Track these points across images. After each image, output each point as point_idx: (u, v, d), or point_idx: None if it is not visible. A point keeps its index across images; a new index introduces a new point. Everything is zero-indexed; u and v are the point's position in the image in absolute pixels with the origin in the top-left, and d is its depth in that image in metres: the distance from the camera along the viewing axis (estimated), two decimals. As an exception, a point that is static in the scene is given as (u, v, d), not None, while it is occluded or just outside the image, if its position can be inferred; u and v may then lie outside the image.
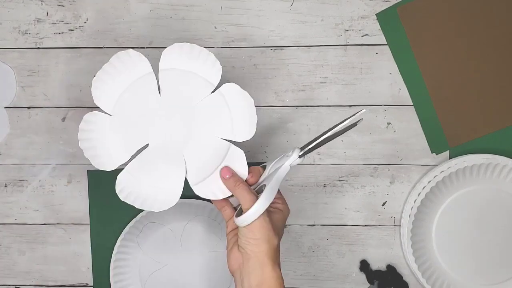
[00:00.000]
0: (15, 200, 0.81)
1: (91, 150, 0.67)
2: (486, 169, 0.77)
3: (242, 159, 0.68)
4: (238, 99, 0.68)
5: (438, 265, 0.80)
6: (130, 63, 0.67)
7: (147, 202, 0.67)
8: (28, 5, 0.79)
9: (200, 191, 0.68)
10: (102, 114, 0.67)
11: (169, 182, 0.67)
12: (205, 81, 0.67)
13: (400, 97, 0.79)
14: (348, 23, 0.78)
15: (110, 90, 0.67)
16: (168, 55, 0.67)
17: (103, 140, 0.67)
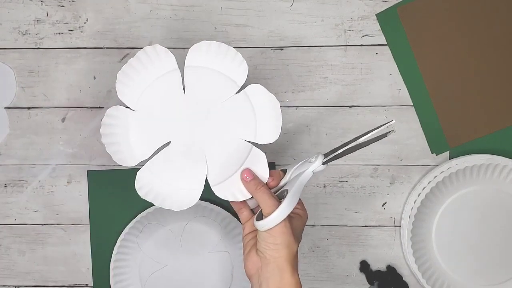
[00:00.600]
0: (15, 200, 0.81)
1: (113, 145, 0.67)
2: (486, 169, 0.77)
3: (263, 161, 0.67)
4: (263, 101, 0.67)
5: (438, 265, 0.80)
6: (156, 58, 0.66)
7: (167, 200, 0.67)
8: (28, 6, 0.79)
9: (220, 192, 0.67)
10: (125, 109, 0.67)
11: (190, 181, 0.67)
12: (231, 81, 0.67)
13: (400, 98, 0.79)
14: (348, 23, 0.78)
15: (134, 85, 0.66)
16: (195, 52, 0.66)
17: (125, 136, 0.67)
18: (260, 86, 0.67)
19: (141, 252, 0.80)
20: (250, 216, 0.68)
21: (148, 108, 0.67)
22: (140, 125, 0.67)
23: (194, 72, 0.67)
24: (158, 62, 0.66)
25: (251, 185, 0.66)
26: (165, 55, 0.66)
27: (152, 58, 0.66)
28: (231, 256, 0.80)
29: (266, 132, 0.67)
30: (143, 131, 0.67)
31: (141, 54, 0.66)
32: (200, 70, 0.67)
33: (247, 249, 0.66)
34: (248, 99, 0.67)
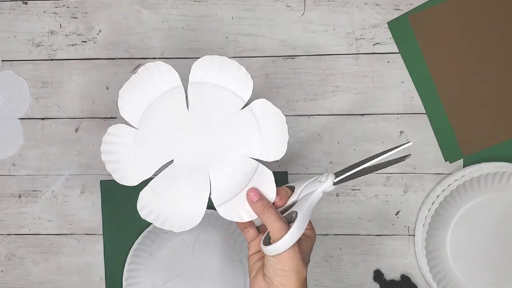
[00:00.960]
0: (29, 210, 0.81)
1: (114, 163, 0.65)
2: (501, 177, 0.77)
3: (270, 180, 0.65)
4: (269, 116, 0.65)
5: (453, 275, 0.79)
6: (159, 75, 0.65)
7: (168, 221, 0.65)
8: (42, 18, 0.80)
9: (224, 212, 0.65)
10: (127, 127, 0.65)
11: (193, 201, 0.65)
12: (235, 96, 0.65)
13: (413, 106, 0.78)
14: (359, 31, 0.78)
15: (136, 102, 0.65)
16: (198, 67, 0.65)
17: (127, 154, 0.65)
18: (266, 101, 0.65)
19: (154, 262, 0.81)
20: (256, 235, 0.65)
21: (151, 126, 0.65)
22: (142, 143, 0.65)
23: (197, 88, 0.65)
24: (160, 79, 0.65)
25: (258, 206, 0.63)
26: (168, 72, 0.65)
27: (154, 74, 0.65)
28: (244, 266, 0.80)
29: (273, 149, 0.65)
30: (146, 150, 0.65)
31: (143, 71, 0.65)
32: (204, 86, 0.65)
33: (253, 273, 0.63)
34: (253, 114, 0.65)
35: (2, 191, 0.81)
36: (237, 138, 0.65)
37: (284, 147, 0.65)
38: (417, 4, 0.78)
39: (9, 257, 0.82)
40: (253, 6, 0.79)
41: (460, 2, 0.77)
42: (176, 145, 0.65)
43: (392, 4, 0.78)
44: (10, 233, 0.82)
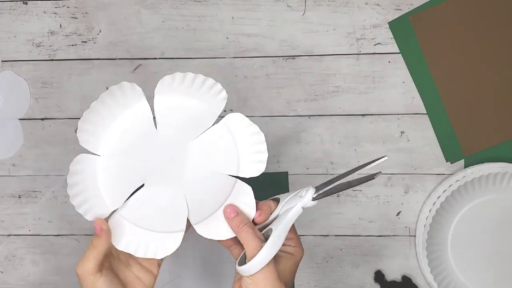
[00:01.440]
0: (29, 211, 0.81)
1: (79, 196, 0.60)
2: (502, 178, 0.76)
3: (249, 195, 0.62)
4: (246, 134, 0.61)
5: (454, 275, 0.79)
6: (122, 97, 0.61)
7: (150, 249, 0.60)
8: (42, 18, 0.80)
9: (203, 230, 0.61)
10: (90, 156, 0.60)
11: (171, 223, 0.61)
12: (206, 110, 0.62)
13: (414, 106, 0.78)
14: (360, 32, 0.78)
15: (99, 130, 0.61)
16: (162, 86, 0.61)
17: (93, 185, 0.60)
18: (241, 115, 0.62)
19: (154, 263, 0.80)
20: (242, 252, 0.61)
21: (117, 151, 0.61)
22: (109, 172, 0.60)
23: (165, 105, 0.61)
24: (123, 101, 0.61)
25: (234, 222, 0.59)
26: (131, 91, 0.61)
27: (116, 97, 0.60)
28: (244, 267, 0.80)
29: (250, 166, 0.62)
30: (113, 178, 0.60)
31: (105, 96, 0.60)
32: (171, 102, 0.61)
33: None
34: (228, 130, 0.62)
35: (2, 192, 0.81)
36: (212, 155, 0.62)
37: (263, 166, 0.62)
38: (418, 4, 0.77)
39: (9, 257, 0.82)
40: (253, 6, 0.78)
41: (461, 2, 0.77)
42: (145, 168, 0.61)
43: (393, 4, 0.78)
44: (10, 234, 0.82)
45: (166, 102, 0.62)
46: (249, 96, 0.79)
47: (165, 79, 0.61)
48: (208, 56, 0.79)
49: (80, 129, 0.60)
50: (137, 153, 0.61)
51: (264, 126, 0.79)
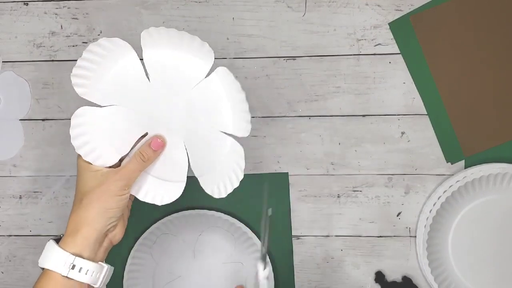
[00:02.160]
0: (29, 211, 0.81)
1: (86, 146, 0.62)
2: (502, 178, 0.76)
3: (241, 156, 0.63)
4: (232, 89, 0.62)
5: (455, 276, 0.79)
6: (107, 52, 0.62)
7: (149, 194, 0.64)
8: (43, 19, 0.80)
9: (204, 184, 0.64)
10: (92, 108, 0.63)
11: (173, 172, 0.64)
12: (196, 65, 0.62)
13: (414, 107, 0.78)
14: (360, 32, 0.78)
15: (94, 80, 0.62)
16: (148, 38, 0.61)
17: (98, 134, 0.63)
18: (226, 70, 0.61)
19: (155, 263, 0.80)
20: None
21: (116, 102, 0.63)
22: (111, 120, 0.63)
23: (154, 58, 0.62)
24: (112, 53, 0.62)
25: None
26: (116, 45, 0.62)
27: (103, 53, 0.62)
28: (245, 267, 0.80)
29: (240, 125, 0.62)
30: (117, 126, 0.63)
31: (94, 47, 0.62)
32: (160, 56, 0.62)
33: None
34: (218, 84, 0.62)
35: (2, 192, 0.81)
36: (204, 109, 0.63)
37: (249, 126, 0.62)
38: (418, 4, 0.77)
39: (9, 258, 0.82)
40: (254, 7, 0.78)
41: (461, 3, 0.77)
42: (146, 118, 0.63)
43: (393, 5, 0.78)
44: (11, 234, 0.82)
45: (156, 55, 0.62)
46: (249, 97, 0.78)
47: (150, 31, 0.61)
48: (209, 56, 0.79)
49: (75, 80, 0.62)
50: (135, 104, 0.63)
51: (265, 126, 0.79)
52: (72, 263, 0.58)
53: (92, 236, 0.60)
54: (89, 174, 0.61)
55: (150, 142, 0.62)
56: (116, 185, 0.61)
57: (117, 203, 0.61)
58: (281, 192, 0.79)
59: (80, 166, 0.62)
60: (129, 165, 0.62)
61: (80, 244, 0.59)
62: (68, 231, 0.60)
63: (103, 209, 0.60)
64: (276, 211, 0.79)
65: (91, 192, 0.60)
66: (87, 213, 0.60)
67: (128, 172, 0.61)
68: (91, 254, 0.60)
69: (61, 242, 0.60)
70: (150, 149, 0.62)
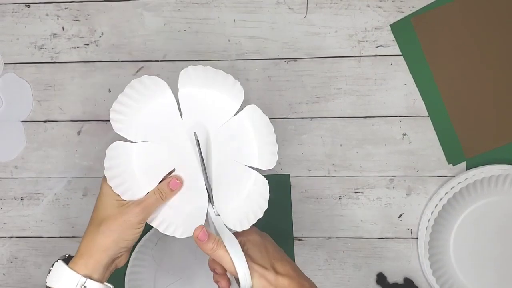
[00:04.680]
0: (31, 213, 0.81)
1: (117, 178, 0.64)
2: (504, 180, 0.76)
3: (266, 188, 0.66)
4: (260, 124, 0.66)
5: (456, 278, 0.79)
6: (146, 90, 0.65)
7: (170, 227, 0.65)
8: (45, 21, 0.80)
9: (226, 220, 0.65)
10: (125, 143, 0.65)
11: (193, 208, 0.66)
12: (226, 103, 0.66)
13: (416, 108, 0.78)
14: (362, 34, 0.78)
15: (130, 118, 0.65)
16: (185, 77, 0.65)
17: (128, 169, 0.65)
18: (254, 106, 0.66)
19: (156, 265, 0.80)
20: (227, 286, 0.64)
21: (148, 138, 0.65)
22: (142, 156, 0.65)
23: (188, 96, 0.65)
24: (149, 93, 0.65)
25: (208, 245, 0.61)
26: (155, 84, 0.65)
27: (140, 91, 0.65)
28: (246, 269, 0.80)
29: (266, 158, 0.66)
30: (146, 162, 0.65)
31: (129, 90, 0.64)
32: (194, 94, 0.65)
33: None
34: (246, 122, 0.66)
35: (4, 194, 0.81)
36: (231, 145, 0.66)
37: (275, 158, 0.66)
38: (419, 6, 0.77)
39: (11, 259, 0.82)
40: (255, 8, 0.79)
41: (462, 4, 0.77)
42: (175, 155, 0.66)
43: (395, 7, 0.78)
44: (13, 236, 0.82)
45: (189, 93, 0.66)
46: (251, 98, 0.79)
47: (183, 73, 0.65)
48: (210, 58, 0.79)
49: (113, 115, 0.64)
50: (166, 140, 0.66)
51: (266, 128, 0.79)
52: (84, 284, 0.60)
53: (104, 261, 0.62)
54: (112, 201, 0.63)
55: (169, 181, 0.64)
56: (135, 218, 0.62)
57: (134, 235, 0.63)
58: (283, 194, 0.79)
59: (104, 191, 0.64)
60: (148, 200, 0.64)
61: (92, 267, 0.61)
62: (80, 253, 0.62)
63: (120, 239, 0.62)
64: (278, 213, 0.79)
65: (111, 220, 0.62)
66: (104, 241, 0.62)
67: (147, 206, 0.63)
68: (100, 277, 0.62)
69: (71, 263, 0.62)
70: (168, 188, 0.64)
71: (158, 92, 0.65)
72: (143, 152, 0.65)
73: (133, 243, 0.64)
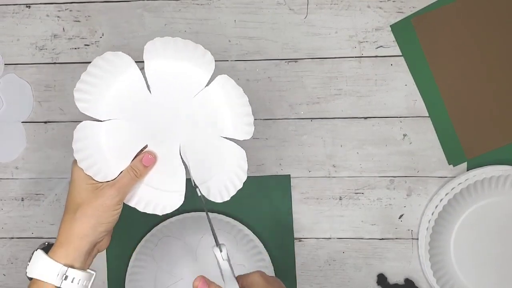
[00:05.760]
0: (32, 214, 0.81)
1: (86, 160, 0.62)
2: (505, 181, 0.76)
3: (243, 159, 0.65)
4: (233, 95, 0.64)
5: (457, 278, 0.79)
6: (110, 66, 0.63)
7: (150, 205, 0.65)
8: (45, 21, 0.80)
9: (206, 191, 0.65)
10: (93, 123, 0.63)
11: (171, 183, 0.65)
12: (197, 74, 0.63)
13: (416, 109, 0.78)
14: (362, 34, 0.78)
15: (95, 96, 0.63)
16: (152, 49, 0.63)
17: (98, 149, 0.63)
18: (227, 77, 0.63)
19: (157, 265, 0.80)
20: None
21: (116, 115, 0.64)
22: (111, 135, 0.64)
23: (156, 70, 0.63)
24: (114, 68, 0.63)
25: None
26: (119, 59, 0.63)
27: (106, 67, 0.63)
28: (247, 269, 0.80)
29: (242, 128, 0.64)
30: (117, 141, 0.64)
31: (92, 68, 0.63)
32: (161, 66, 0.63)
33: None
34: (219, 91, 0.64)
35: (5, 195, 0.81)
36: (205, 117, 0.64)
37: (252, 129, 0.64)
38: (420, 7, 0.77)
39: (11, 260, 0.82)
40: (255, 9, 0.79)
41: (463, 5, 0.77)
42: (146, 131, 0.64)
43: (395, 7, 0.78)
44: (13, 237, 0.82)
45: (157, 66, 0.63)
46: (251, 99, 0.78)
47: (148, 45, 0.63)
48: (211, 59, 0.79)
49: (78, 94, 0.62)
50: (136, 117, 0.64)
51: (267, 128, 0.79)
52: (65, 274, 0.59)
53: (84, 248, 0.61)
54: (85, 185, 0.62)
55: (141, 157, 0.63)
56: (111, 200, 0.61)
57: (111, 217, 0.61)
58: (283, 195, 0.79)
59: (75, 175, 0.62)
60: (122, 179, 0.62)
61: (72, 255, 0.60)
62: (59, 241, 0.61)
63: (98, 223, 0.61)
64: (278, 214, 0.79)
65: (86, 205, 0.61)
66: (81, 227, 0.60)
67: (122, 186, 0.62)
68: (82, 264, 0.61)
69: (51, 253, 0.60)
70: (142, 164, 0.63)
71: (123, 67, 0.63)
72: (112, 130, 0.64)
73: (112, 225, 0.62)
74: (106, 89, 0.63)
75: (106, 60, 0.63)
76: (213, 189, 0.65)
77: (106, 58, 0.63)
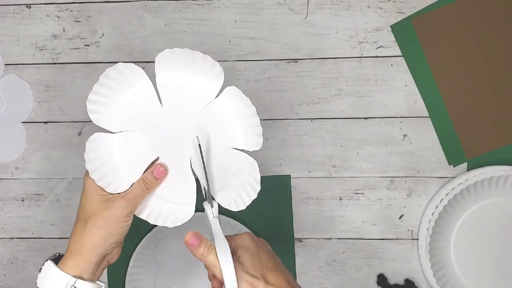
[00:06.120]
0: (32, 214, 0.81)
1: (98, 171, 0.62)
2: (505, 181, 0.76)
3: (255, 169, 0.65)
4: (241, 106, 0.64)
5: (457, 279, 0.79)
6: (122, 78, 0.63)
7: (161, 217, 0.65)
8: (45, 22, 0.80)
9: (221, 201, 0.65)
10: (105, 134, 0.64)
11: (182, 195, 0.65)
12: (206, 86, 0.64)
13: (416, 109, 0.78)
14: (362, 35, 0.78)
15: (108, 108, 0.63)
16: (162, 61, 0.63)
17: (110, 161, 0.63)
18: (235, 88, 0.63)
19: (157, 266, 0.80)
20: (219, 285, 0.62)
21: (128, 128, 0.64)
22: (124, 147, 0.64)
23: (167, 83, 0.64)
24: (126, 80, 0.63)
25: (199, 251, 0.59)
26: (130, 71, 0.63)
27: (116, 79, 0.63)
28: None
29: (251, 139, 0.64)
30: (128, 153, 0.64)
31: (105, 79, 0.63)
32: (172, 79, 0.63)
33: None
34: (227, 102, 0.64)
35: (5, 195, 0.81)
36: (217, 128, 0.64)
37: (261, 140, 0.64)
38: (420, 7, 0.77)
39: (12, 260, 0.82)
40: (256, 9, 0.79)
41: (463, 5, 0.77)
42: (157, 142, 0.64)
43: (395, 8, 0.78)
44: (13, 237, 0.82)
45: (168, 78, 0.64)
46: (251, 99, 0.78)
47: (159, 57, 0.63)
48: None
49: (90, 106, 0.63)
50: (147, 129, 0.64)
51: (267, 129, 0.79)
52: (74, 285, 0.59)
53: (94, 259, 0.61)
54: (96, 196, 0.62)
55: (153, 170, 0.63)
56: (122, 211, 0.61)
57: (122, 229, 0.62)
58: (283, 195, 0.79)
59: (87, 186, 0.62)
60: (133, 191, 0.63)
61: (82, 267, 0.60)
62: (70, 252, 0.61)
63: (108, 235, 0.61)
64: (278, 214, 0.79)
65: (97, 216, 0.61)
66: (92, 238, 0.60)
67: (133, 198, 0.62)
68: (91, 276, 0.61)
69: (61, 263, 0.61)
70: (153, 176, 0.63)
71: (135, 79, 0.63)
72: (124, 142, 0.64)
73: (123, 237, 0.63)
74: (118, 100, 0.64)
75: (118, 71, 0.63)
76: (227, 199, 0.65)
77: (118, 69, 0.63)
